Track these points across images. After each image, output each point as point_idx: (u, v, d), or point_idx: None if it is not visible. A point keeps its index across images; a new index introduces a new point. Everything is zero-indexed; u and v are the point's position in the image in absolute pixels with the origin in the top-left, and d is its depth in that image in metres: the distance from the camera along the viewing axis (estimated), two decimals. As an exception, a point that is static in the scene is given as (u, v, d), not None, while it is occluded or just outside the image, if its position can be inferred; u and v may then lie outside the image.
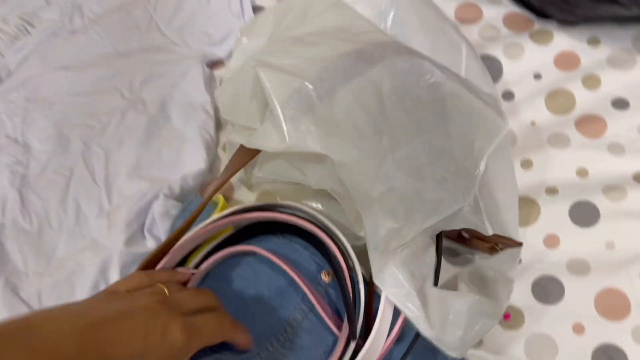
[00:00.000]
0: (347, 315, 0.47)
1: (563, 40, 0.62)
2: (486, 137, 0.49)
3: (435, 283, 0.47)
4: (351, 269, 0.48)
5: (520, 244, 0.50)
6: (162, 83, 0.65)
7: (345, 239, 0.49)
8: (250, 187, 0.58)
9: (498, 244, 0.51)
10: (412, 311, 0.43)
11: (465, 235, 0.52)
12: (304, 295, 0.50)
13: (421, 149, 0.45)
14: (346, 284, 0.48)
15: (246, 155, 0.48)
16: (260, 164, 0.51)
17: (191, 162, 0.59)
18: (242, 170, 0.52)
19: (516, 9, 0.65)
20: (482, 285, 0.49)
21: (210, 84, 0.65)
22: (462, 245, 0.54)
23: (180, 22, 0.69)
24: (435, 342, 0.43)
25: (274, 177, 0.50)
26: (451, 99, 0.48)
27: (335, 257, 0.48)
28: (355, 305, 0.47)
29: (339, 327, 0.48)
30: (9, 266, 0.56)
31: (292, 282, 0.50)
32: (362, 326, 0.45)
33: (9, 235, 0.57)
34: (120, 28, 0.69)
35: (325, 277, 0.51)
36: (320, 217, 0.50)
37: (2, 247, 0.57)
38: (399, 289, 0.44)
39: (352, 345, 0.45)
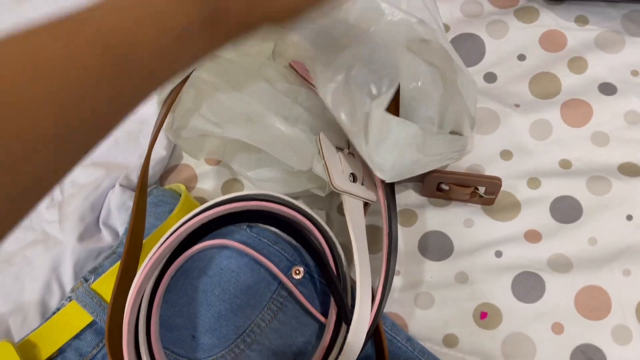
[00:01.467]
0: (335, 300, 0.46)
1: (549, 18, 0.59)
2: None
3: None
4: (335, 255, 0.47)
5: (499, 180, 0.50)
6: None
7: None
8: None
9: (477, 186, 0.50)
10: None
11: (445, 187, 0.51)
12: (277, 289, 0.47)
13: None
14: (331, 268, 0.47)
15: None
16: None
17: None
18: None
19: (501, -17, 0.61)
20: None
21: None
22: (442, 198, 0.53)
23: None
24: (366, 159, 0.44)
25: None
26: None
27: (318, 241, 0.47)
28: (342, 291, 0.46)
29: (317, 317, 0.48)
30: (-49, 263, 0.51)
31: (263, 279, 0.48)
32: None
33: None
34: None
35: (295, 275, 0.48)
36: (296, 202, 0.47)
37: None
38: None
39: (344, 329, 0.45)
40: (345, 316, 0.46)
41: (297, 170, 0.50)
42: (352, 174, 0.48)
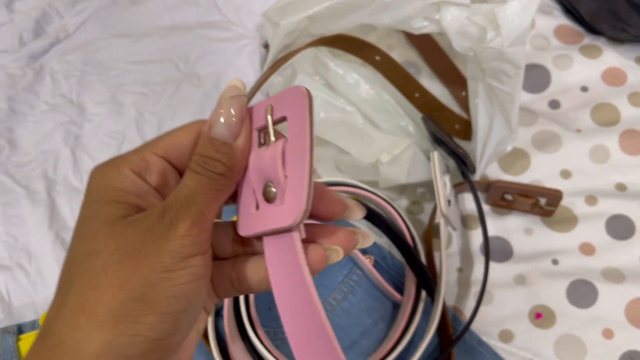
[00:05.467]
0: (418, 277, 0.51)
1: (611, 56, 0.64)
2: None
3: None
4: (412, 235, 0.52)
5: (560, 192, 0.54)
6: (217, 59, 0.66)
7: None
8: None
9: (539, 198, 0.55)
10: None
11: (508, 197, 0.56)
12: (350, 271, 0.52)
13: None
14: (409, 245, 0.51)
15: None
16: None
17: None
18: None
19: (567, 22, 0.67)
20: None
21: (265, 64, 0.66)
22: (505, 207, 0.58)
23: (238, 1, 0.70)
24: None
25: None
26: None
27: (396, 220, 0.52)
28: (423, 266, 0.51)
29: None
30: (59, 222, 0.57)
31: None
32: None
33: (60, 191, 0.59)
34: (178, 2, 0.71)
35: (367, 261, 0.53)
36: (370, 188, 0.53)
37: (53, 203, 0.58)
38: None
39: (421, 306, 0.49)
40: (430, 289, 0.50)
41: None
42: (448, 200, 0.52)
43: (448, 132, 0.57)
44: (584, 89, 0.63)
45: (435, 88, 0.63)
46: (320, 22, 0.51)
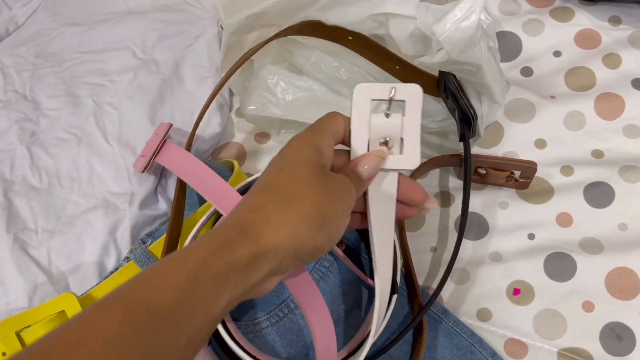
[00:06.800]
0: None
1: (584, 18, 0.62)
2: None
3: None
4: None
5: (534, 164, 0.52)
6: (175, 44, 0.63)
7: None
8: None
9: (513, 170, 0.53)
10: None
11: (482, 171, 0.54)
12: (320, 259, 0.50)
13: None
14: None
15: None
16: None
17: (205, 125, 0.58)
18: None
19: (538, -16, 0.64)
20: None
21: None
22: (479, 182, 0.56)
23: (195, -19, 0.67)
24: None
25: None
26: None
27: None
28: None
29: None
30: (18, 223, 0.55)
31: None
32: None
33: (18, 191, 0.57)
34: (132, -15, 0.68)
35: (339, 246, 0.51)
36: None
37: (10, 204, 0.56)
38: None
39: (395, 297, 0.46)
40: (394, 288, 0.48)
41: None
42: (385, 140, 0.41)
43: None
44: (557, 53, 0.61)
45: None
46: (266, 19, 0.49)
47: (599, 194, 0.54)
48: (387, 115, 0.39)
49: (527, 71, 0.61)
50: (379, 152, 0.39)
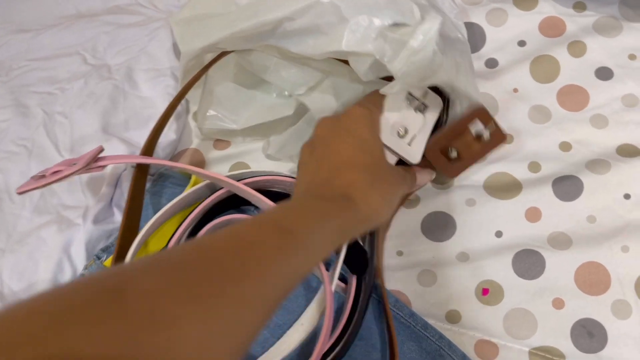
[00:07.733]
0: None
1: (548, 5, 0.60)
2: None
3: None
4: None
5: (479, 104, 0.48)
6: (127, 47, 0.61)
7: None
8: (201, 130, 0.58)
9: (473, 128, 0.49)
10: None
11: (453, 154, 0.50)
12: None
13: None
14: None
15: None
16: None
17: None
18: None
19: (500, -28, 0.62)
20: None
21: (178, 48, 0.61)
22: (460, 169, 0.51)
23: (147, -19, 0.64)
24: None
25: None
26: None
27: None
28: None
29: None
30: (-32, 243, 0.53)
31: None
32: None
33: (-33, 209, 0.54)
34: (81, -13, 0.65)
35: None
36: None
37: (-41, 223, 0.54)
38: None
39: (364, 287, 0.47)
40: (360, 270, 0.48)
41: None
42: (405, 129, 0.47)
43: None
44: (522, 43, 0.59)
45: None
46: (222, 46, 0.48)
47: (567, 187, 0.52)
48: (418, 110, 0.47)
49: (492, 63, 0.59)
50: (431, 174, 0.52)
